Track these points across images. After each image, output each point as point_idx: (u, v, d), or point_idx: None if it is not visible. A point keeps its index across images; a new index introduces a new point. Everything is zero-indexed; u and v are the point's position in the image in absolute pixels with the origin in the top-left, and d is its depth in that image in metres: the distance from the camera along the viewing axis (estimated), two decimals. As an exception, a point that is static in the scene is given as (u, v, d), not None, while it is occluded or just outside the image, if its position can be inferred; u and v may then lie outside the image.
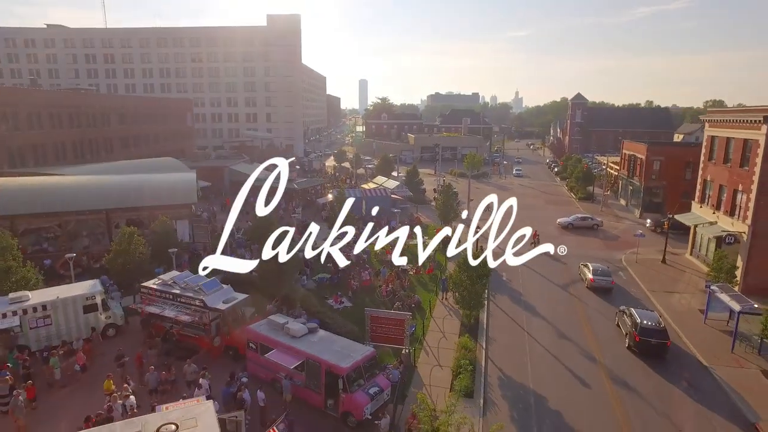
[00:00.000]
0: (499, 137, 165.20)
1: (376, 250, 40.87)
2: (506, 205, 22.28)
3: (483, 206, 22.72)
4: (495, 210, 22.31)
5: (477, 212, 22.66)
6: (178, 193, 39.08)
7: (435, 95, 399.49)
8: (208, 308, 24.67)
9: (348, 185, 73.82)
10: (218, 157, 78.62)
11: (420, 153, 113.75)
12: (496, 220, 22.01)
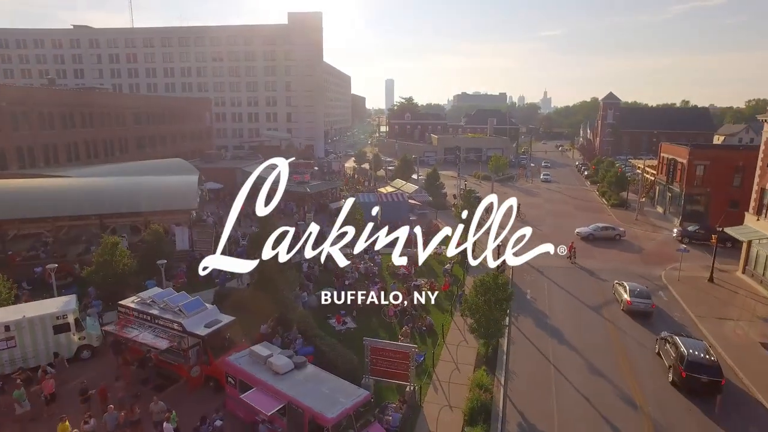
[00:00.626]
0: (526, 138, 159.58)
1: (389, 263, 37.84)
2: (506, 205, 23.09)
3: (483, 206, 23.43)
4: (495, 210, 22.67)
5: (477, 213, 23.32)
6: (176, 197, 36.48)
7: (461, 95, 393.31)
8: (187, 333, 21.70)
9: (366, 188, 70.59)
10: (234, 158, 76.48)
11: (443, 154, 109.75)
12: (496, 219, 22.69)
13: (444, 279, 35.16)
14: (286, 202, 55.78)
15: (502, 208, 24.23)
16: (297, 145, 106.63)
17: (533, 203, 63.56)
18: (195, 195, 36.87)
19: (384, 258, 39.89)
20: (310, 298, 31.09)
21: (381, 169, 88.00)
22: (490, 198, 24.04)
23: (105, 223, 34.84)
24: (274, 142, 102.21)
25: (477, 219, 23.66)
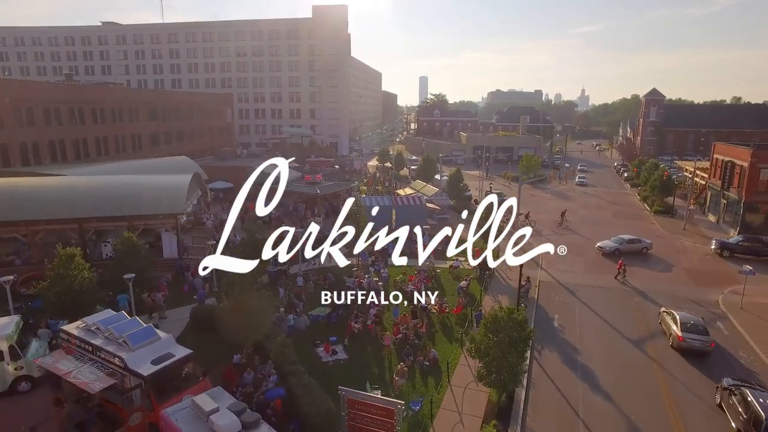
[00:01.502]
0: (561, 137, 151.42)
1: (396, 279, 33.30)
2: (506, 205, 23.25)
3: (482, 207, 23.24)
4: (495, 210, 22.15)
5: (476, 213, 23.14)
6: (163, 200, 32.93)
7: (495, 93, 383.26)
8: (128, 371, 17.81)
9: (385, 189, 66.05)
10: (249, 156, 73.34)
11: (472, 153, 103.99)
12: (496, 220, 22.31)
13: (457, 299, 30.29)
14: (295, 203, 51.94)
15: (502, 209, 23.73)
16: (320, 142, 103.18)
17: (566, 208, 57.59)
18: (183, 198, 33.24)
19: (393, 271, 35.40)
20: (298, 319, 26.89)
21: (404, 168, 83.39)
22: (490, 198, 23.49)
23: (85, 227, 31.62)
24: (296, 139, 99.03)
25: (476, 220, 23.32)
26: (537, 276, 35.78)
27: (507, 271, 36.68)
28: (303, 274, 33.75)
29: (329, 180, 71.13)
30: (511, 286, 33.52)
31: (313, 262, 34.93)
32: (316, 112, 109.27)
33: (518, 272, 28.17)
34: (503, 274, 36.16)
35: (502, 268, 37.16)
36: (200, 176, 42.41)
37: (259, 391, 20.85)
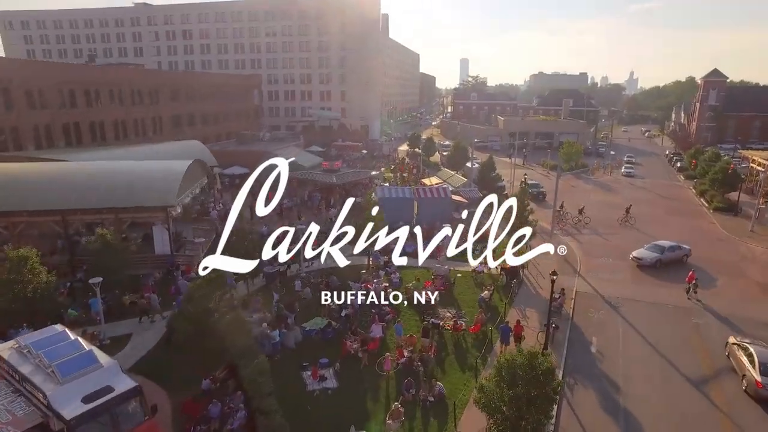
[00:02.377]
0: (607, 122, 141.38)
1: (409, 285, 28.97)
2: (506, 206, 21.64)
3: (482, 208, 21.79)
4: (495, 210, 21.19)
5: (476, 213, 21.67)
6: (153, 191, 29.68)
7: (538, 75, 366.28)
8: (51, 410, 14.43)
9: (412, 177, 61.35)
10: (273, 140, 70.04)
11: (509, 139, 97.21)
12: (495, 220, 21.32)
13: (477, 313, 25.66)
14: (311, 193, 48.16)
15: (503, 208, 22.40)
16: (349, 125, 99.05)
17: (611, 202, 51.36)
18: (174, 189, 29.86)
19: (407, 275, 31.11)
20: (288, 334, 23.05)
21: (434, 154, 78.06)
22: (490, 198, 22.49)
23: (68, 219, 28.80)
24: (324, 122, 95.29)
25: (476, 220, 21.85)
26: (574, 285, 30.65)
27: (538, 277, 31.72)
28: (302, 276, 29.98)
29: (354, 165, 67.39)
30: (542, 298, 28.62)
31: (312, 262, 31.24)
32: (346, 94, 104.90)
33: (550, 279, 23.25)
34: (533, 281, 31.22)
35: (533, 274, 32.29)
36: (204, 163, 39.08)
37: (229, 425, 17.26)
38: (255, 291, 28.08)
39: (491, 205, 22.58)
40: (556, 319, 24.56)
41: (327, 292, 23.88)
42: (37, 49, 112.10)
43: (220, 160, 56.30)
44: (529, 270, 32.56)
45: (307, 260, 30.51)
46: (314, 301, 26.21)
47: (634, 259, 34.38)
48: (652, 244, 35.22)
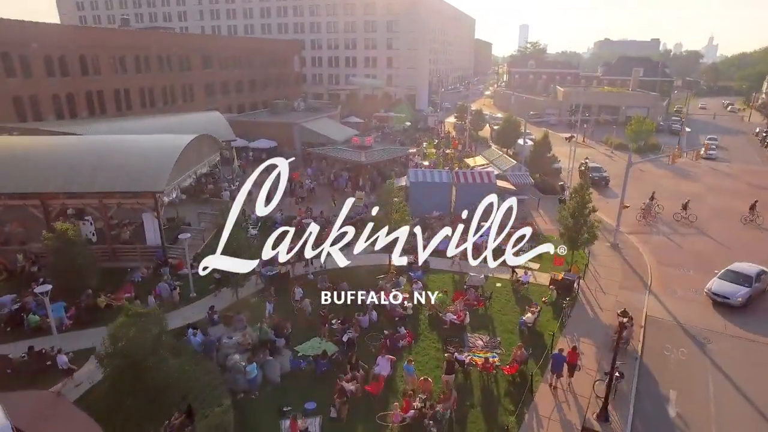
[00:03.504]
0: (681, 94, 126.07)
1: (423, 302, 23.48)
2: (506, 205, 19.79)
3: (482, 207, 19.35)
4: (495, 209, 19.64)
5: (476, 213, 19.31)
6: (142, 173, 25.49)
7: (603, 42, 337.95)
8: None
9: (456, 155, 54.77)
10: (308, 109, 64.95)
11: (569, 112, 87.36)
12: (496, 220, 19.70)
13: (515, 347, 19.84)
14: (337, 174, 42.98)
15: (502, 209, 19.71)
16: (394, 94, 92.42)
17: (688, 192, 42.87)
18: (165, 171, 25.47)
19: (433, 281, 25.67)
20: (272, 364, 18.35)
21: (483, 127, 70.33)
22: (490, 198, 19.70)
23: (48, 204, 25.17)
24: (367, 91, 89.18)
25: (477, 219, 19.17)
26: (643, 306, 24.09)
27: (596, 293, 25.32)
28: (309, 279, 25.18)
29: (394, 140, 61.40)
30: (601, 324, 22.42)
31: (318, 264, 26.41)
32: (393, 61, 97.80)
33: (619, 321, 17.19)
34: (591, 299, 24.87)
35: (591, 287, 25.89)
36: (214, 139, 34.61)
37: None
38: (247, 298, 23.55)
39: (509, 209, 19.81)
40: (621, 363, 18.41)
41: (327, 293, 19.92)
42: (88, 15, 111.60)
43: (248, 132, 52.15)
44: (586, 282, 26.18)
45: (308, 261, 25.85)
46: (315, 312, 21.40)
47: (711, 295, 24.54)
48: (728, 271, 25.27)
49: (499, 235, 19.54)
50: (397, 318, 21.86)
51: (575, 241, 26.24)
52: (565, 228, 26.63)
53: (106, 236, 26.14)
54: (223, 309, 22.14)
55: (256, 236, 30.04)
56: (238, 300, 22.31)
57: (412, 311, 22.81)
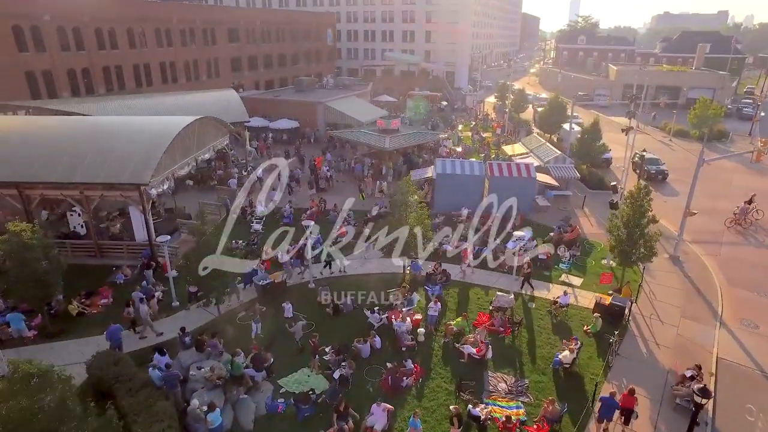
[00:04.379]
0: (752, 73, 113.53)
1: (450, 322, 19.68)
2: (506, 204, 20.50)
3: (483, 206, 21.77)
4: (495, 208, 20.29)
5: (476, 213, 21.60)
6: (126, 163, 22.45)
7: (663, 16, 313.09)
8: None
9: (494, 140, 49.69)
10: (338, 86, 60.92)
11: (621, 94, 79.30)
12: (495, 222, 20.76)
13: (546, 401, 15.64)
14: (358, 160, 39.03)
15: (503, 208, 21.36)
16: (432, 71, 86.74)
17: (765, 189, 36.40)
18: (152, 161, 22.33)
19: (452, 297, 21.76)
20: (249, 404, 15.07)
21: (526, 109, 63.92)
22: (490, 198, 21.42)
23: (26, 194, 22.61)
24: (403, 67, 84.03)
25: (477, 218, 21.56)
26: (713, 345, 19.31)
27: (652, 321, 20.65)
28: (311, 287, 21.73)
29: (426, 121, 56.64)
30: (659, 368, 17.87)
31: (329, 269, 23.11)
32: (432, 35, 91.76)
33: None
34: (645, 329, 20.25)
35: (646, 313, 21.21)
36: (219, 121, 31.28)
37: None
38: (236, 311, 20.33)
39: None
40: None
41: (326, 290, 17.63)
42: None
43: (271, 110, 48.87)
44: (640, 307, 21.50)
45: (305, 266, 22.63)
46: (307, 339, 17.92)
47: None
48: None
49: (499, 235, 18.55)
50: (404, 348, 18.09)
51: (628, 256, 21.49)
52: (616, 240, 21.87)
53: (90, 230, 23.45)
54: (201, 327, 19.00)
55: (260, 232, 26.97)
56: (220, 316, 19.07)
57: (425, 337, 19.00)
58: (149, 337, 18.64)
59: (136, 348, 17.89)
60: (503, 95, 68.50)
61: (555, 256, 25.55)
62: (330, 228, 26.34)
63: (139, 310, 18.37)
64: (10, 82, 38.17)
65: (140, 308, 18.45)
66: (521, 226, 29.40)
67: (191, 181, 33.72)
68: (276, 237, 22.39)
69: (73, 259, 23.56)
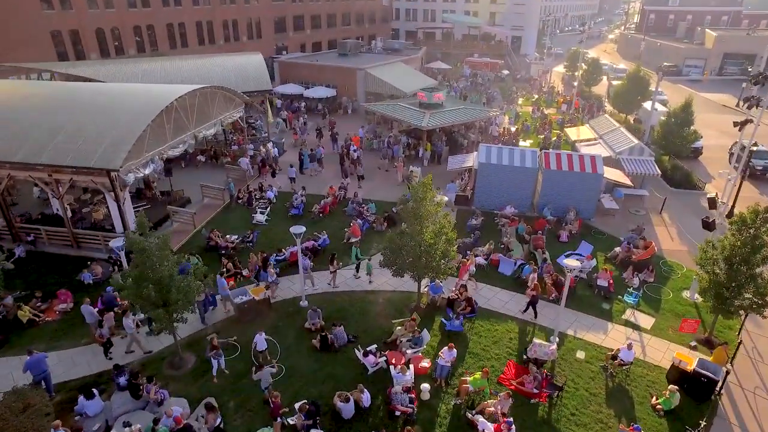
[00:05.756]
0: None
1: (466, 382, 14.76)
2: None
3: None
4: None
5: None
6: (99, 144, 18.87)
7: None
8: None
9: (560, 115, 42.49)
10: (386, 50, 55.04)
11: (720, 65, 67.02)
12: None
13: None
14: (396, 139, 33.81)
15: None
16: (495, 35, 77.86)
17: None
18: (126, 143, 18.57)
19: (481, 332, 16.83)
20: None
21: (599, 82, 54.86)
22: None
23: (-3, 174, 19.76)
24: (464, 30, 75.97)
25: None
26: None
27: (757, 401, 14.66)
28: (293, 311, 17.47)
29: (482, 91, 49.82)
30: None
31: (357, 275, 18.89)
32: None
33: None
34: (746, 411, 14.35)
35: (750, 388, 15.16)
36: (229, 91, 27.07)
37: None
38: (200, 336, 16.45)
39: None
40: None
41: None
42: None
43: (309, 76, 44.33)
44: (738, 375, 15.50)
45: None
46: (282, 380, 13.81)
47: None
48: None
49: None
50: (398, 414, 13.52)
51: (726, 302, 15.38)
52: (711, 279, 15.74)
53: (65, 217, 20.37)
54: (148, 359, 15.37)
55: (261, 225, 23.03)
56: (176, 342, 15.24)
57: (430, 394, 14.32)
58: (136, 351, 15.48)
59: (88, 372, 14.63)
60: (574, 64, 59.63)
61: (618, 279, 19.78)
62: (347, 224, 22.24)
63: (122, 323, 15.22)
64: (35, 43, 35.96)
65: (124, 321, 15.16)
66: (579, 234, 23.48)
67: (203, 156, 30.21)
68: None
69: (50, 248, 20.88)
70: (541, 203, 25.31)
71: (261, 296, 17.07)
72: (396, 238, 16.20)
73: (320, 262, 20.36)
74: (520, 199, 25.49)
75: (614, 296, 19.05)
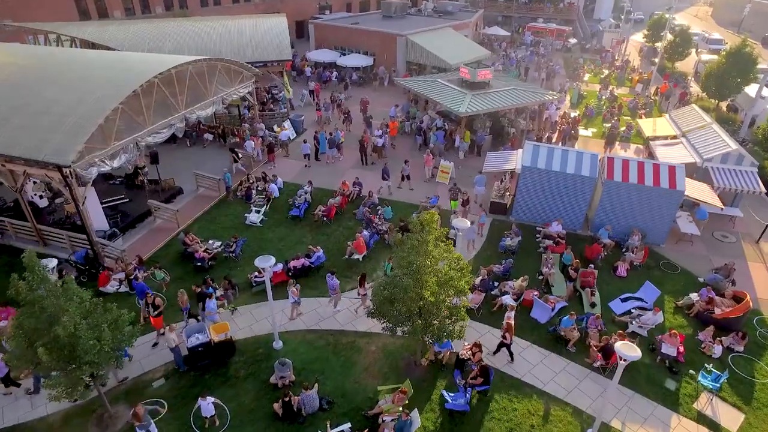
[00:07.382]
0: None
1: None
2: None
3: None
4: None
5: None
6: (54, 133, 15.69)
7: None
8: None
9: (624, 103, 35.52)
10: (439, 12, 48.64)
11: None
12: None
13: None
14: (425, 123, 28.78)
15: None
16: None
17: None
18: (79, 136, 15.20)
19: (497, 414, 12.56)
20: None
21: (687, 57, 45.68)
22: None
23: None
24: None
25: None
26: None
27: None
28: (257, 358, 13.91)
29: (540, 67, 42.90)
30: None
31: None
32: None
33: None
34: None
35: None
36: (231, 62, 23.00)
37: None
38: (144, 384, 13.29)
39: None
40: None
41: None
42: None
43: (346, 42, 39.56)
44: None
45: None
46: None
47: None
48: None
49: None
50: None
51: None
52: None
53: (26, 210, 17.65)
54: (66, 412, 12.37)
55: (254, 226, 19.54)
56: (100, 394, 12.09)
57: None
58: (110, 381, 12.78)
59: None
60: (656, 33, 50.53)
61: (691, 342, 14.74)
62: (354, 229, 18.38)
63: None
64: (55, 0, 33.38)
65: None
66: (643, 266, 18.21)
67: (210, 135, 26.80)
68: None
69: (17, 242, 18.39)
70: (598, 222, 20.03)
71: (219, 338, 13.59)
72: (386, 285, 12.00)
73: (313, 286, 16.66)
74: (570, 214, 20.29)
75: (684, 370, 14.06)
